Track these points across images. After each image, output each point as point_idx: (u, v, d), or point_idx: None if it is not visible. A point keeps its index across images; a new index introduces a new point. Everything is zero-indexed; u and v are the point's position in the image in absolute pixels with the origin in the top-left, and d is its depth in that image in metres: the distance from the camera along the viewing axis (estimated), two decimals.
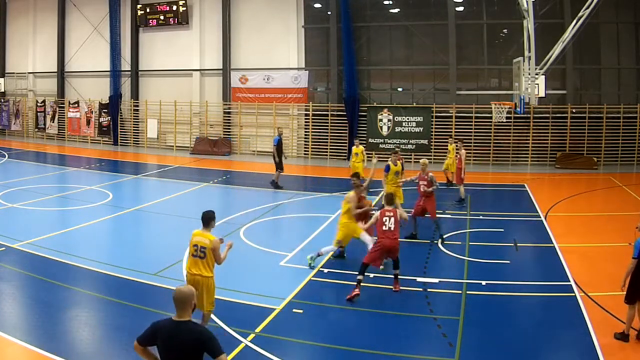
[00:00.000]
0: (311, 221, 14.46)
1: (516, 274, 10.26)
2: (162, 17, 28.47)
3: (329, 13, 25.85)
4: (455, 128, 23.83)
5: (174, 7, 28.04)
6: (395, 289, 9.15)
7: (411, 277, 9.67)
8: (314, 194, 17.69)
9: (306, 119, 26.29)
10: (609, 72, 23.67)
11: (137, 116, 29.79)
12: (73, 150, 28.50)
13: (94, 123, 30.43)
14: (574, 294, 9.02)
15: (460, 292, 9.19)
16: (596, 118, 23.04)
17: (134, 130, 29.96)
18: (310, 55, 26.55)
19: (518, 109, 17.10)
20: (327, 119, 25.77)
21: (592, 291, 9.03)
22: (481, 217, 14.36)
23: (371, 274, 9.33)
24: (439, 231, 12.21)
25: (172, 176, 21.20)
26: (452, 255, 11.22)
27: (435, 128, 24.14)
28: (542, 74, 16.37)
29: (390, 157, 14.21)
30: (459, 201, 15.87)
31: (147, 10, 28.74)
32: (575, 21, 16.57)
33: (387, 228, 9.01)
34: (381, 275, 9.63)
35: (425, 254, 11.21)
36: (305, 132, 26.48)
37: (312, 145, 26.15)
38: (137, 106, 29.72)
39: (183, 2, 27.77)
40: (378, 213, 9.30)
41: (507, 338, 7.65)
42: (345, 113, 25.25)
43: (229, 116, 27.79)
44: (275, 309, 8.35)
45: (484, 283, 9.52)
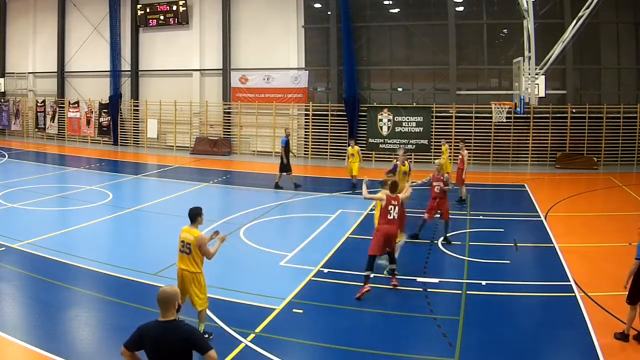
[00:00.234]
0: (311, 221, 14.47)
1: (516, 274, 10.26)
2: (162, 17, 28.47)
3: (329, 13, 25.85)
4: (455, 128, 23.82)
5: (174, 7, 28.04)
6: (393, 283, 9.15)
7: (411, 277, 9.67)
8: (314, 194, 17.67)
9: (306, 119, 26.29)
10: (609, 72, 23.67)
11: (137, 116, 29.78)
12: (73, 150, 28.49)
13: (94, 123, 30.43)
14: (574, 294, 9.02)
15: (460, 292, 9.19)
16: (596, 118, 23.03)
17: (134, 130, 29.95)
18: (310, 55, 26.54)
19: (518, 109, 17.10)
20: (327, 119, 25.76)
21: (592, 291, 9.03)
22: (481, 217, 14.37)
23: (371, 274, 9.32)
24: (447, 231, 12.15)
25: (172, 176, 21.20)
26: (452, 255, 11.22)
27: (435, 128, 24.13)
28: (542, 74, 16.37)
29: (398, 157, 14.18)
30: (459, 201, 15.87)
31: (147, 10, 28.73)
32: (575, 21, 16.57)
33: (392, 217, 9.10)
34: (381, 275, 9.63)
35: (425, 254, 11.21)
36: (305, 132, 26.47)
37: (312, 145, 26.15)
38: (137, 106, 29.71)
39: (183, 2, 27.77)
40: (388, 196, 9.23)
41: (507, 338, 7.65)
42: (345, 113, 25.25)
43: (229, 116, 27.79)
44: (275, 309, 8.34)
45: (484, 283, 9.52)
